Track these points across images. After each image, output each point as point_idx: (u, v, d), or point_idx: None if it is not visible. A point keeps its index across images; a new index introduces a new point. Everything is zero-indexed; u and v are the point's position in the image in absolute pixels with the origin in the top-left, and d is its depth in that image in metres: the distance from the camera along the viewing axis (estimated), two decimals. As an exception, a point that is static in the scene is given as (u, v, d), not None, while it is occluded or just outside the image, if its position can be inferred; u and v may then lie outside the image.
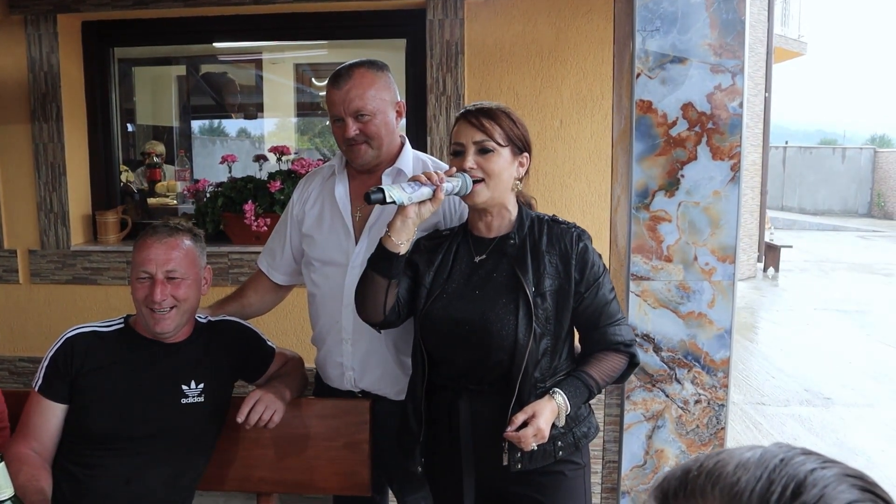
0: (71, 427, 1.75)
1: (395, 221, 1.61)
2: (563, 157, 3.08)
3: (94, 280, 3.42)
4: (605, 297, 1.66)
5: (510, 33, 3.09)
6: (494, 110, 1.65)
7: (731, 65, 1.84)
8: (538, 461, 1.64)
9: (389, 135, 1.92)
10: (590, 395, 1.66)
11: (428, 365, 1.71)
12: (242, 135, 6.56)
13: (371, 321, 1.72)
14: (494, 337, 1.60)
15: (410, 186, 1.58)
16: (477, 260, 1.69)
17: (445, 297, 1.67)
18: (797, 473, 0.53)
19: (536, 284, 1.61)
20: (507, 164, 1.64)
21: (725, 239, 1.88)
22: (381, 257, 1.62)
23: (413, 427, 1.73)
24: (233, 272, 3.28)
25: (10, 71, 3.35)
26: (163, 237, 1.79)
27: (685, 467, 0.60)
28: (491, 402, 1.64)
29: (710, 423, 1.96)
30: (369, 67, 1.88)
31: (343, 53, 4.84)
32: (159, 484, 1.76)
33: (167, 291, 1.74)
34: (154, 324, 1.75)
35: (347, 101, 1.84)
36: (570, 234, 1.66)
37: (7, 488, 1.32)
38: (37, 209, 3.42)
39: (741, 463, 0.56)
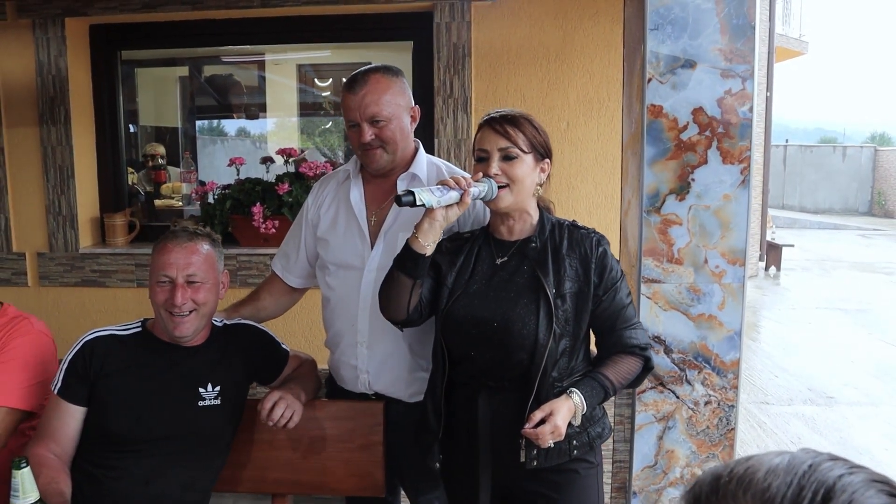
0: (90, 429, 1.77)
1: (423, 224, 1.65)
2: (570, 159, 3.10)
3: (103, 282, 3.44)
4: (621, 301, 1.70)
5: (517, 36, 3.11)
6: (518, 118, 1.69)
7: (741, 69, 1.86)
8: (553, 459, 1.67)
9: (404, 140, 1.94)
10: (605, 396, 1.69)
11: (448, 363, 1.74)
12: (243, 134, 6.57)
13: (394, 320, 1.76)
14: (515, 336, 1.64)
15: (440, 190, 1.62)
16: (498, 262, 1.73)
17: (467, 297, 1.71)
18: (826, 479, 0.55)
19: (557, 286, 1.65)
20: (530, 171, 1.69)
21: (735, 242, 1.90)
22: (408, 258, 1.67)
23: (432, 424, 1.77)
24: (241, 274, 3.30)
25: (19, 74, 3.36)
26: (183, 241, 1.80)
27: (715, 473, 0.62)
28: (509, 400, 1.68)
29: (720, 423, 1.98)
30: (385, 73, 1.90)
31: (345, 54, 4.86)
32: (177, 485, 1.78)
33: (187, 295, 1.76)
34: (174, 328, 1.77)
35: (363, 107, 1.86)
36: (591, 239, 1.70)
37: (33, 492, 1.34)
38: (45, 212, 3.44)
39: (771, 469, 0.57)
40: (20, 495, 1.32)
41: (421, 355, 1.95)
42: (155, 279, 1.79)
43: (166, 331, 1.81)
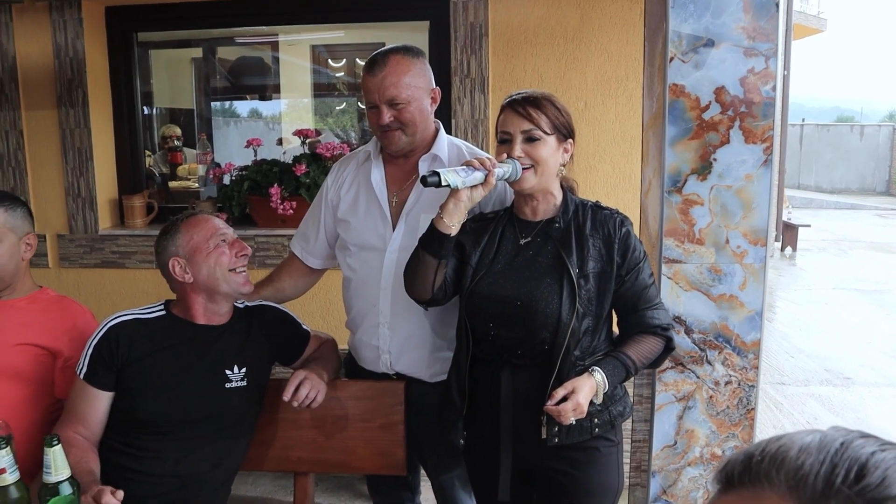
0: (118, 413, 1.79)
1: (448, 204, 1.67)
2: (588, 138, 3.08)
3: (122, 264, 3.48)
4: (644, 281, 1.71)
5: (534, 15, 3.09)
6: (540, 99, 1.68)
7: (764, 48, 1.84)
8: (575, 436, 1.69)
9: (424, 121, 1.93)
10: (627, 375, 1.71)
11: (472, 342, 1.76)
12: (256, 116, 6.58)
13: (419, 299, 1.78)
14: (539, 315, 1.65)
15: (464, 171, 1.63)
16: (522, 242, 1.74)
17: (491, 276, 1.72)
18: (859, 456, 0.55)
19: (580, 266, 1.66)
20: (553, 152, 1.69)
21: (757, 222, 1.89)
22: (433, 238, 1.69)
23: (456, 401, 1.79)
24: (259, 255, 3.32)
25: (37, 57, 3.38)
26: (209, 215, 1.91)
27: (748, 452, 0.62)
28: (532, 377, 1.69)
29: (741, 404, 1.98)
30: (405, 54, 1.89)
31: (359, 34, 4.84)
32: (206, 464, 1.81)
33: (244, 248, 1.89)
34: (243, 282, 1.87)
35: (382, 89, 1.86)
36: (614, 220, 1.71)
37: (65, 469, 1.36)
38: (65, 194, 3.47)
39: (804, 447, 0.58)
40: (52, 472, 1.35)
41: (442, 335, 1.96)
42: (213, 244, 1.84)
43: (231, 291, 1.86)
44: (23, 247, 1.99)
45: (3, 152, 3.46)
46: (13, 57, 3.38)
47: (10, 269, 1.96)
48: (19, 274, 2.00)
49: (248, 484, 3.29)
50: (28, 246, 2.01)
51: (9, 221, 1.96)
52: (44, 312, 1.97)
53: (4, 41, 3.37)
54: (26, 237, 2.00)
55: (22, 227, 1.99)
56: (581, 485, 1.73)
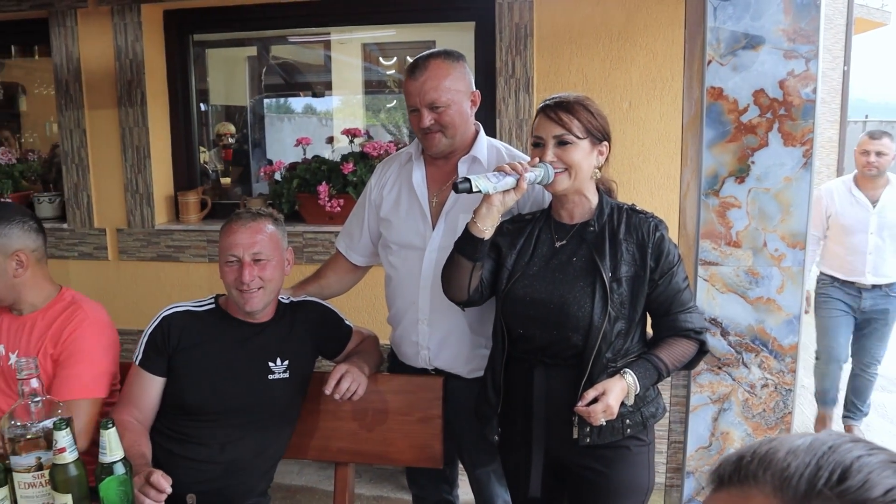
0: (169, 399, 1.90)
1: (481, 209, 1.70)
2: (632, 139, 3.08)
3: (177, 257, 3.61)
4: (678, 285, 1.72)
5: (579, 15, 3.09)
6: (572, 103, 1.71)
7: (804, 50, 1.83)
8: (606, 437, 1.72)
9: (464, 124, 1.97)
10: (659, 378, 1.72)
11: (507, 341, 1.80)
12: (310, 112, 6.69)
13: (456, 300, 1.83)
14: (571, 318, 1.68)
15: (495, 176, 1.66)
16: (557, 245, 1.77)
17: (526, 278, 1.76)
18: (844, 460, 0.57)
19: (613, 270, 1.68)
20: (586, 155, 1.71)
21: (796, 225, 1.88)
22: (467, 241, 1.73)
23: (491, 398, 1.83)
24: (307, 251, 3.41)
25: (99, 59, 3.53)
26: (247, 222, 1.90)
27: (740, 453, 0.64)
28: (564, 377, 1.72)
29: (777, 407, 1.97)
30: (445, 58, 1.94)
31: (410, 33, 4.89)
32: (250, 452, 1.89)
33: (254, 273, 1.85)
34: (244, 303, 1.87)
35: (423, 93, 1.91)
36: (648, 224, 1.72)
37: (118, 450, 1.45)
38: (124, 190, 3.62)
39: (792, 449, 0.60)
40: (107, 452, 1.44)
41: (481, 333, 2.00)
42: (224, 259, 1.89)
43: (238, 307, 1.91)
44: (12, 264, 1.90)
45: (68, 150, 3.63)
46: (77, 59, 3.53)
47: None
48: (16, 291, 1.93)
49: (293, 473, 3.39)
50: (19, 264, 1.91)
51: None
52: (51, 323, 1.93)
53: (69, 44, 3.53)
54: (16, 255, 1.91)
55: (9, 244, 1.90)
56: (611, 483, 1.76)
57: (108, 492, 1.45)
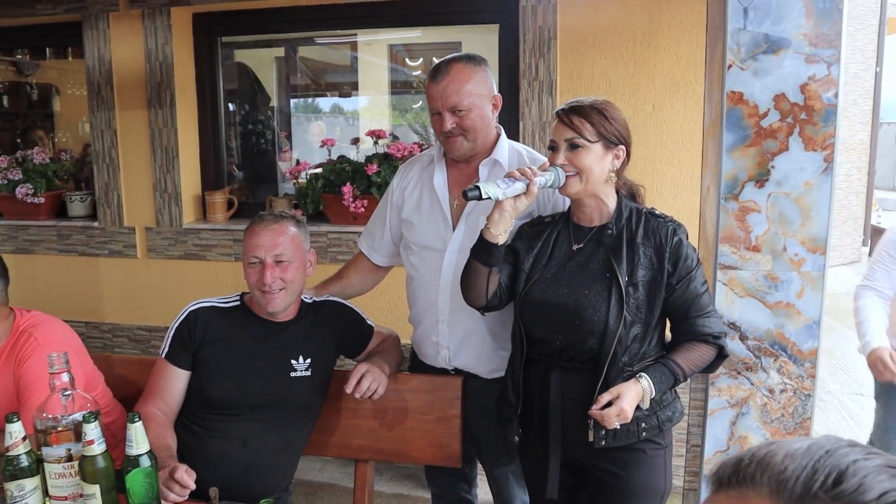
0: (193, 393, 1.95)
1: (493, 214, 1.72)
2: (655, 141, 3.08)
3: (204, 256, 3.67)
4: (695, 289, 1.72)
5: (603, 17, 3.09)
6: (586, 108, 1.72)
7: (826, 54, 1.82)
8: (622, 440, 1.73)
9: (485, 128, 2.00)
10: (675, 382, 1.73)
11: (526, 343, 1.82)
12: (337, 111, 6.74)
13: (475, 306, 1.85)
14: (587, 322, 1.70)
15: (504, 182, 1.68)
16: (574, 248, 1.79)
17: (543, 281, 1.78)
18: (839, 463, 0.58)
19: (630, 274, 1.69)
20: (598, 159, 1.72)
21: (816, 230, 1.88)
22: (482, 247, 1.75)
23: (512, 400, 1.85)
24: (331, 251, 3.45)
25: (130, 62, 3.60)
26: (269, 224, 1.94)
27: (739, 456, 0.66)
28: (580, 381, 1.74)
29: (796, 412, 1.97)
30: (467, 62, 1.96)
31: (436, 34, 4.92)
32: (271, 447, 1.94)
33: (276, 274, 1.89)
34: (266, 303, 1.92)
35: (444, 97, 1.94)
36: (666, 228, 1.72)
37: (144, 444, 1.50)
38: (153, 189, 3.69)
39: (789, 453, 0.61)
40: (134, 445, 1.49)
41: (500, 334, 2.03)
42: (246, 261, 1.93)
43: (260, 307, 1.95)
44: None
45: (100, 150, 3.71)
46: (109, 61, 3.61)
47: None
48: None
49: (315, 470, 3.44)
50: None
51: None
52: (10, 360, 1.90)
53: (101, 47, 3.61)
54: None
55: None
56: (627, 485, 1.77)
57: (134, 483, 1.49)
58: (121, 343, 3.86)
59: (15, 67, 5.38)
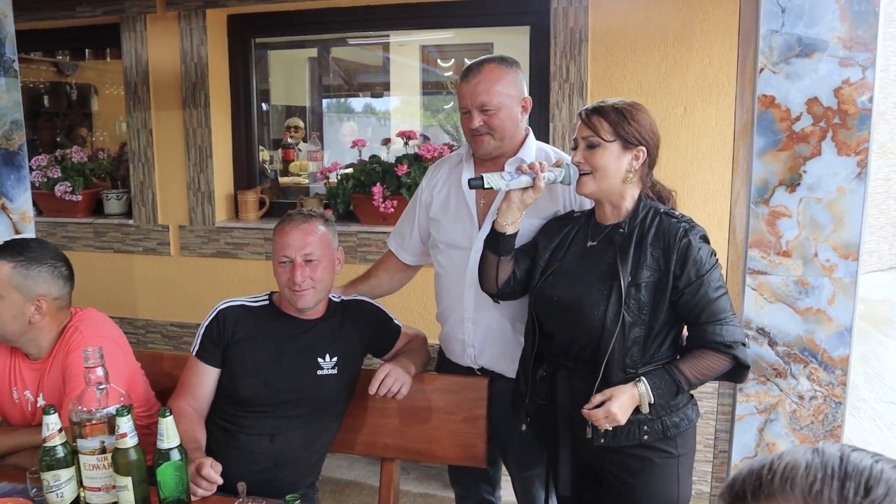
0: (222, 389, 1.98)
1: (502, 206, 1.79)
2: (686, 144, 3.06)
3: (236, 254, 3.73)
4: (706, 294, 1.66)
5: (635, 19, 3.08)
6: (606, 108, 1.73)
7: (861, 58, 1.80)
8: (622, 440, 1.72)
9: (513, 128, 2.02)
10: (678, 389, 1.69)
11: (538, 336, 1.85)
12: (369, 111, 6.79)
13: (487, 293, 1.92)
14: (584, 319, 1.71)
15: (510, 175, 1.74)
16: (588, 245, 1.80)
17: (555, 276, 1.80)
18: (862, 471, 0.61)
19: (633, 275, 1.68)
20: (614, 159, 1.72)
21: (849, 236, 1.85)
22: (491, 237, 1.83)
23: (521, 388, 1.90)
24: (361, 250, 3.48)
25: (166, 63, 3.67)
26: (299, 223, 1.97)
27: (754, 470, 0.67)
28: (584, 380, 1.74)
29: (826, 420, 1.94)
30: (499, 63, 1.99)
31: (468, 35, 4.94)
32: (298, 444, 1.96)
33: (306, 273, 1.92)
34: (296, 300, 1.95)
35: (474, 95, 1.96)
36: (677, 229, 1.68)
37: (175, 438, 1.53)
38: (187, 188, 3.76)
39: (808, 464, 0.63)
40: (164, 439, 1.52)
41: (522, 332, 2.03)
42: (277, 260, 1.97)
43: (290, 304, 1.98)
44: (31, 308, 1.85)
45: (135, 149, 3.79)
46: (146, 62, 3.69)
47: (11, 328, 1.86)
48: (27, 336, 1.89)
49: (342, 468, 3.46)
50: (38, 309, 1.86)
51: (14, 278, 1.84)
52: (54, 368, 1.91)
53: (139, 48, 3.68)
54: (36, 299, 1.86)
55: (33, 287, 1.85)
56: (637, 493, 1.76)
57: (164, 476, 1.53)
58: (154, 339, 3.93)
59: (55, 68, 5.50)
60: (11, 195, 2.74)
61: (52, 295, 1.90)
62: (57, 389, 1.89)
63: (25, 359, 1.97)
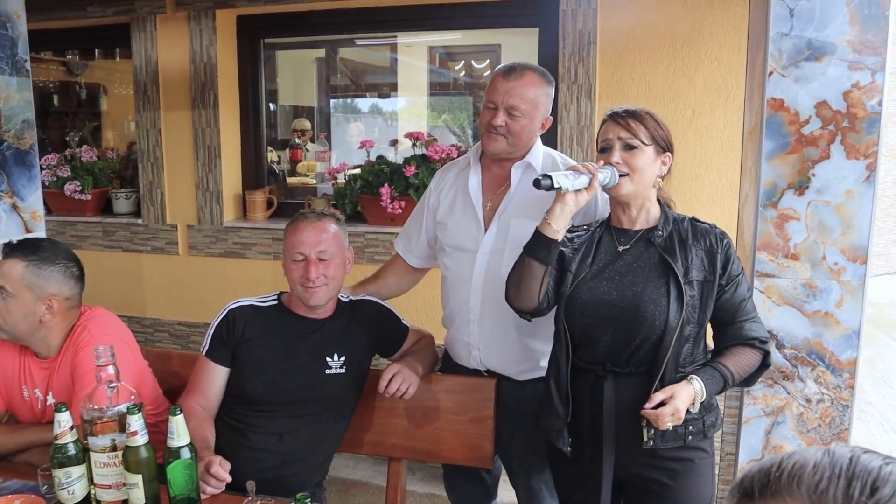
0: (231, 389, 2.00)
1: (555, 209, 1.71)
2: (695, 147, 3.06)
3: (244, 254, 3.74)
4: (742, 293, 1.74)
5: (644, 22, 3.08)
6: (640, 112, 1.74)
7: (871, 62, 1.80)
8: (669, 441, 1.71)
9: (528, 138, 2.05)
10: (724, 386, 1.71)
11: (571, 348, 1.78)
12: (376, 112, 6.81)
13: (525, 309, 1.80)
14: (648, 318, 1.68)
15: (572, 175, 1.69)
16: (620, 249, 1.78)
17: (592, 280, 1.76)
18: (871, 471, 0.61)
19: (685, 273, 1.69)
20: (651, 162, 1.73)
21: (857, 239, 1.86)
22: (540, 243, 1.73)
23: (559, 409, 1.79)
24: (368, 251, 3.49)
25: (176, 63, 3.69)
26: (313, 221, 1.99)
27: (764, 469, 0.68)
28: (634, 386, 1.71)
29: (833, 423, 1.94)
30: (541, 76, 2.02)
31: (476, 37, 4.96)
32: (306, 443, 1.98)
33: (319, 270, 1.94)
34: (309, 297, 1.96)
35: (508, 94, 1.98)
36: (714, 233, 1.74)
37: (185, 436, 1.54)
38: (195, 188, 3.77)
39: (817, 463, 0.64)
40: (175, 437, 1.54)
41: (528, 334, 2.04)
42: (290, 257, 1.98)
43: (302, 301, 2.00)
44: (41, 308, 1.87)
45: (145, 149, 3.81)
46: (155, 62, 3.71)
47: (22, 327, 1.88)
48: (37, 335, 1.90)
49: (349, 467, 3.48)
50: (49, 308, 1.87)
51: (27, 277, 1.86)
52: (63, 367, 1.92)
53: (148, 48, 3.70)
54: (48, 298, 1.87)
55: (45, 286, 1.87)
56: (676, 496, 1.75)
57: (174, 474, 1.54)
58: (162, 338, 3.95)
59: (65, 67, 5.53)
60: (23, 194, 2.76)
61: (63, 295, 1.92)
62: (66, 388, 1.91)
63: (35, 357, 1.99)
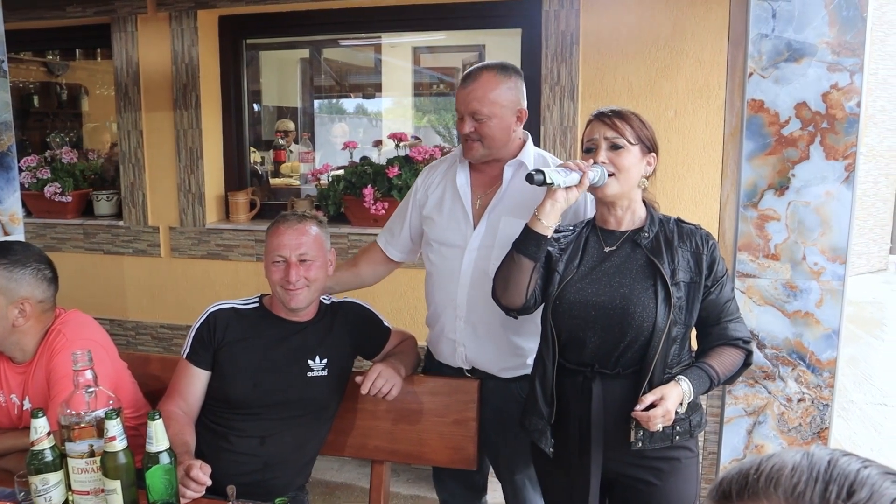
0: (213, 392, 1.98)
1: (545, 205, 1.71)
2: (677, 147, 3.07)
3: (226, 256, 3.72)
4: (727, 294, 1.74)
5: (626, 23, 3.09)
6: (626, 112, 1.74)
7: (849, 63, 1.81)
8: (657, 442, 1.71)
9: (504, 138, 2.02)
10: (710, 386, 1.71)
11: (557, 349, 1.77)
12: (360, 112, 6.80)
13: (512, 306, 1.80)
14: (636, 318, 1.67)
15: (564, 171, 1.69)
16: (607, 250, 1.77)
17: (578, 281, 1.75)
18: (848, 474, 0.61)
19: (672, 274, 1.69)
20: (636, 162, 1.73)
21: (837, 239, 1.87)
22: (529, 239, 1.73)
23: (543, 410, 1.79)
24: (352, 252, 3.48)
25: (157, 64, 3.66)
26: (293, 224, 1.97)
27: (742, 470, 0.68)
28: (622, 387, 1.71)
29: (814, 422, 1.96)
30: (498, 72, 1.99)
31: (460, 37, 4.96)
32: (289, 446, 1.96)
33: (300, 273, 1.93)
34: (290, 300, 1.95)
35: (468, 101, 1.97)
36: (700, 234, 1.75)
37: (164, 441, 1.53)
38: (177, 190, 3.75)
39: (795, 466, 0.64)
40: (154, 442, 1.52)
41: (514, 332, 2.04)
42: (270, 259, 1.97)
43: (282, 303, 1.98)
44: (14, 312, 1.85)
45: (126, 150, 3.78)
46: (136, 63, 3.68)
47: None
48: (10, 339, 1.88)
49: (333, 470, 3.46)
50: (21, 312, 1.85)
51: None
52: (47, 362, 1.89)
53: (129, 48, 3.67)
54: (20, 302, 1.85)
55: (16, 290, 1.85)
56: (662, 494, 1.75)
57: (153, 479, 1.52)
58: (144, 341, 3.92)
59: (45, 68, 5.48)
60: (0, 196, 2.72)
61: (35, 298, 1.89)
62: (42, 393, 1.88)
63: (10, 362, 1.96)
